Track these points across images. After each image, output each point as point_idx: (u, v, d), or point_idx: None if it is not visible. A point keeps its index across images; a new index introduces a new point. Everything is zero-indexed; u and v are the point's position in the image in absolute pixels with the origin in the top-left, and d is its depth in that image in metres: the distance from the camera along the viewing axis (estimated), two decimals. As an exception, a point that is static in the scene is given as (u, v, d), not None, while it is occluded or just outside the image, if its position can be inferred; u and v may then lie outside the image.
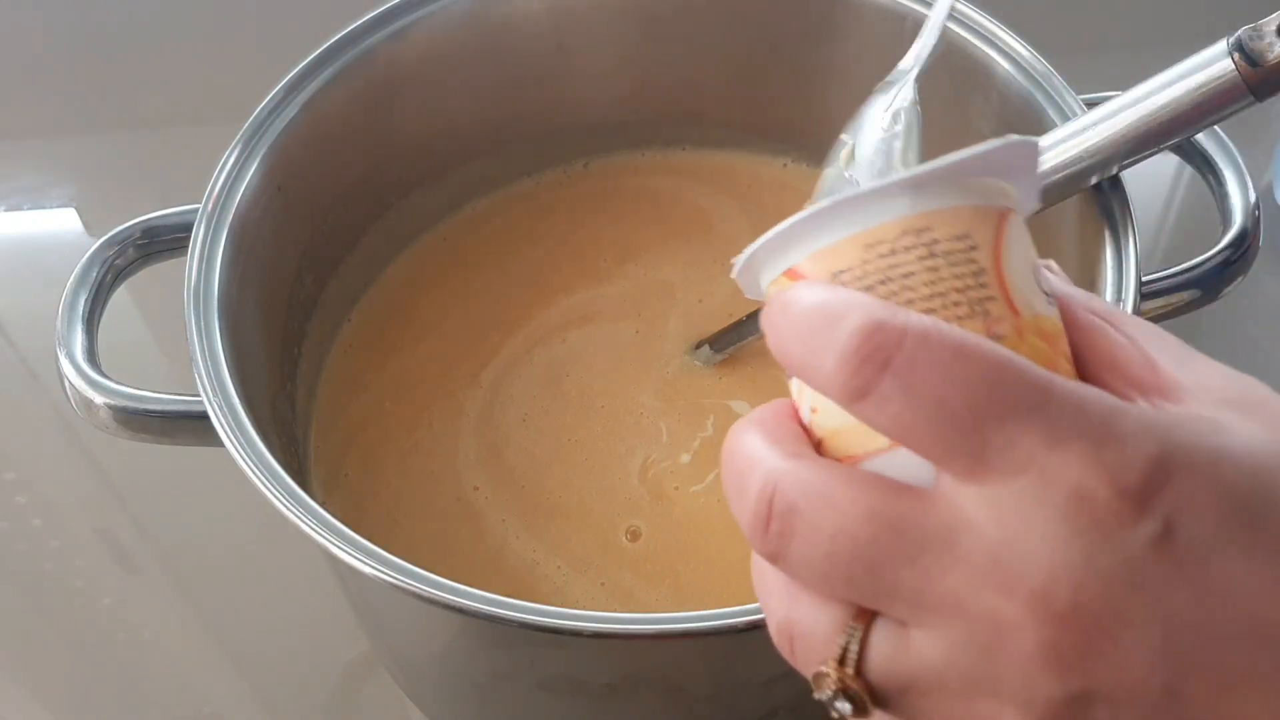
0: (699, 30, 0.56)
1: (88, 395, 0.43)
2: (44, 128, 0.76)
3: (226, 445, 0.40)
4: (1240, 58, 0.39)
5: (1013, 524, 0.22)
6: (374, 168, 0.55)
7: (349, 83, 0.51)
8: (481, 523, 0.50)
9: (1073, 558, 0.22)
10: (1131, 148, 0.43)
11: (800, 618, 0.25)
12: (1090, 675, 0.22)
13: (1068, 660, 0.22)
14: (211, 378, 0.42)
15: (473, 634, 0.41)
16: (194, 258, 0.45)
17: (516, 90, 0.56)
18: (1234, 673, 0.22)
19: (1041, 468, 0.22)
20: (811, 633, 0.25)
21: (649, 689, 0.41)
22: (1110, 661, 0.22)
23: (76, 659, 0.56)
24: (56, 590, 0.58)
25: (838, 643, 0.24)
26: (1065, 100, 0.47)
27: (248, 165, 0.48)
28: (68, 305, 0.45)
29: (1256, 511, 0.22)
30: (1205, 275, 0.45)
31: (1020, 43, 0.49)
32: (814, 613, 0.25)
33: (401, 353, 0.55)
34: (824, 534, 0.24)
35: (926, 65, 0.38)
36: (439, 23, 0.53)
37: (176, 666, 0.56)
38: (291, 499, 0.39)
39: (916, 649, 0.24)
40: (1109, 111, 0.43)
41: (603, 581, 0.48)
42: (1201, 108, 0.41)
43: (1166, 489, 0.22)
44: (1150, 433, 0.22)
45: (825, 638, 0.25)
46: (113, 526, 0.60)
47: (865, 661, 0.24)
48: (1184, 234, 0.65)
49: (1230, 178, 0.46)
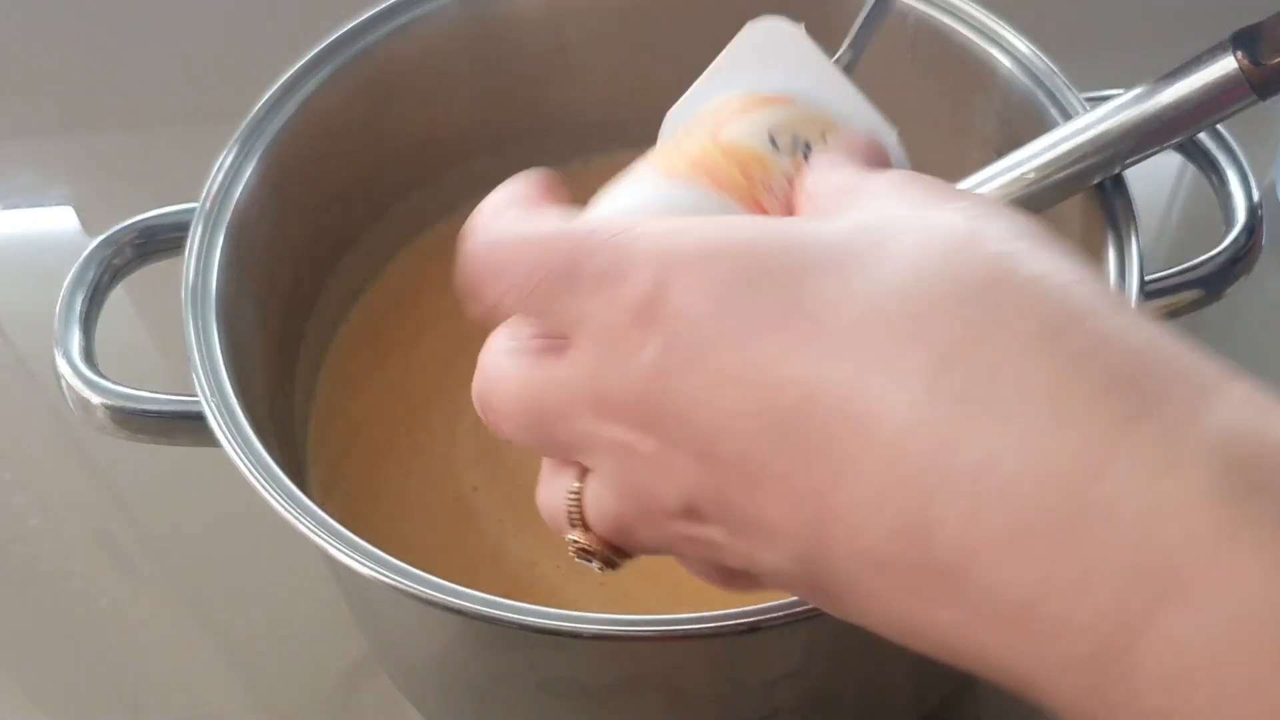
0: (699, 29, 0.56)
1: (85, 395, 0.43)
2: (42, 126, 0.76)
3: (224, 446, 0.40)
4: (1243, 56, 0.39)
5: (593, 369, 0.26)
6: (373, 167, 0.55)
7: (347, 81, 0.51)
8: (480, 523, 0.50)
9: (612, 385, 0.26)
10: (1133, 147, 0.43)
11: (545, 498, 0.30)
12: (675, 481, 0.26)
13: (665, 473, 0.26)
14: (209, 378, 0.42)
15: (472, 635, 0.41)
16: (191, 257, 0.45)
17: (516, 89, 0.56)
18: (745, 442, 0.24)
19: (588, 322, 0.26)
20: (555, 508, 0.29)
21: (649, 690, 0.41)
22: (669, 465, 0.26)
23: (74, 660, 0.56)
24: (54, 591, 0.58)
25: (567, 509, 0.28)
26: (1067, 99, 0.47)
27: (246, 164, 0.48)
28: (65, 305, 0.45)
29: (750, 291, 0.24)
30: (1208, 275, 0.45)
31: (1022, 40, 0.49)
32: (549, 489, 0.29)
33: (400, 353, 0.55)
34: (503, 414, 0.28)
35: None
36: (438, 21, 0.52)
37: (174, 668, 0.56)
38: (289, 500, 0.39)
39: (600, 491, 0.28)
40: (1111, 110, 0.43)
41: (601, 582, 0.48)
42: (1204, 107, 0.41)
43: (663, 306, 0.25)
44: (649, 257, 0.25)
45: (562, 509, 0.29)
46: (110, 527, 0.60)
47: (586, 518, 0.28)
48: (1187, 233, 0.65)
49: (1233, 176, 0.46)
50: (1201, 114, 0.41)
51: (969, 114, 0.53)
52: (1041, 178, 0.44)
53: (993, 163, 0.45)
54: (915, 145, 0.57)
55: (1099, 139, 0.43)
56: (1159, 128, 0.42)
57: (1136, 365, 0.21)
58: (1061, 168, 0.43)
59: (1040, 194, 0.44)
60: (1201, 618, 0.19)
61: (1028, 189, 0.44)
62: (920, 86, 0.52)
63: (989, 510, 0.20)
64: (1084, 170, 0.43)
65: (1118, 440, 0.20)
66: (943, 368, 0.22)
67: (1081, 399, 0.20)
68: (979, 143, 0.53)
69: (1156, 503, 0.19)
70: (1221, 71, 0.40)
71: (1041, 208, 0.45)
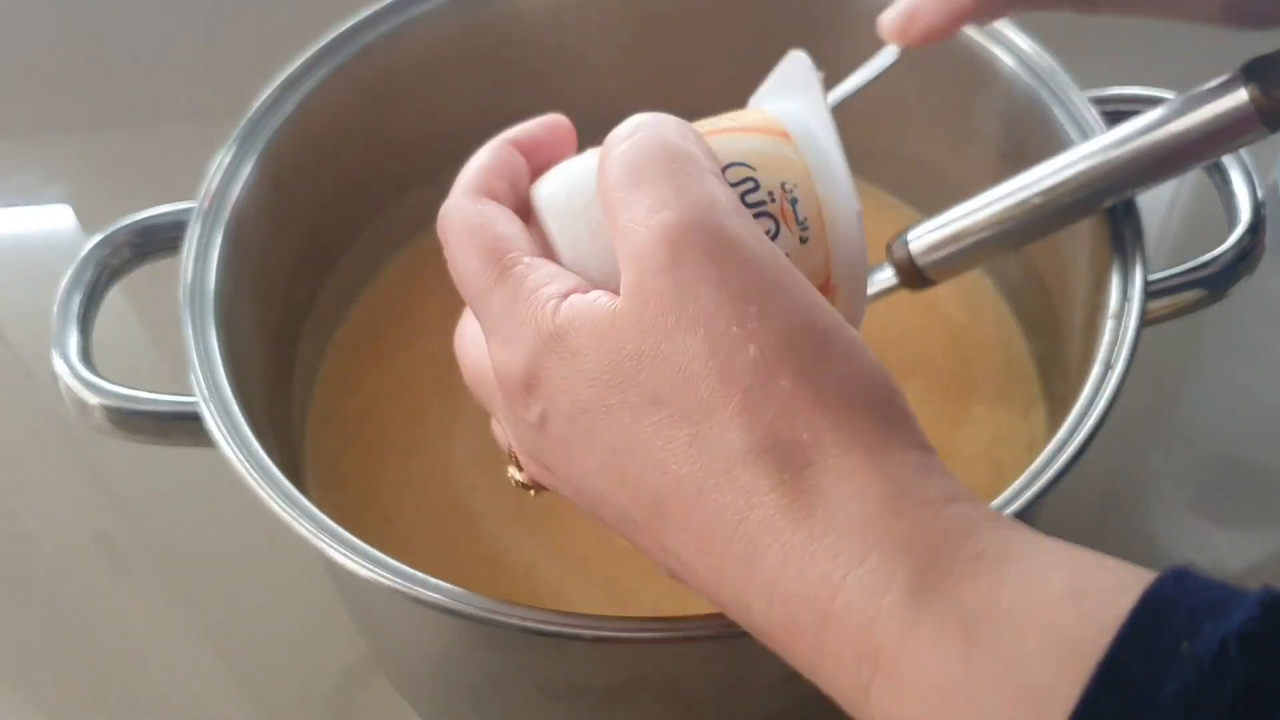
0: (699, 27, 0.56)
1: (82, 395, 0.43)
2: (40, 124, 0.76)
3: (221, 446, 0.40)
4: (1255, 88, 0.39)
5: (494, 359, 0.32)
6: (371, 165, 0.54)
7: (346, 79, 0.51)
8: (479, 523, 0.50)
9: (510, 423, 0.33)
10: (1141, 176, 0.43)
11: (496, 431, 0.37)
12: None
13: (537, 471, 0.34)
14: (206, 378, 0.42)
15: (471, 637, 0.41)
16: (189, 257, 0.45)
17: (515, 86, 0.56)
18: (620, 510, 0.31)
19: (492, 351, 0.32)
20: (500, 443, 0.37)
21: (650, 693, 0.41)
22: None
23: (71, 661, 0.56)
24: (51, 592, 0.58)
25: (507, 449, 0.36)
26: (1070, 98, 0.47)
27: (243, 163, 0.47)
28: (62, 304, 0.45)
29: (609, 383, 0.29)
30: (1211, 274, 0.44)
31: (1025, 39, 0.49)
32: (499, 426, 0.36)
33: (398, 352, 0.55)
34: (466, 380, 0.37)
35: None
36: (436, 19, 0.52)
37: (171, 669, 0.56)
38: (287, 500, 0.39)
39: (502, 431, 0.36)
40: (1119, 139, 0.42)
41: (602, 580, 0.48)
42: (1214, 137, 0.41)
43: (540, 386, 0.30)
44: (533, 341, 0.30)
45: (504, 447, 0.36)
46: (107, 528, 0.60)
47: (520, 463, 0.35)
48: (1189, 232, 0.65)
49: (1236, 176, 0.46)
50: (1211, 145, 0.41)
51: (971, 113, 0.52)
52: (1047, 202, 0.43)
53: (997, 171, 0.45)
54: (917, 145, 0.57)
55: (1106, 167, 0.42)
56: (1168, 157, 0.42)
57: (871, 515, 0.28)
58: (1068, 193, 0.43)
59: (1046, 219, 0.44)
60: (894, 689, 0.26)
61: (1033, 213, 0.44)
62: (922, 85, 0.51)
63: (778, 606, 0.28)
64: (1091, 196, 0.43)
65: (851, 570, 0.27)
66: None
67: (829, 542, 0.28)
68: (981, 142, 0.53)
69: (873, 613, 0.26)
70: (1232, 103, 0.40)
71: (1047, 232, 0.45)
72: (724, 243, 0.29)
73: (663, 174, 0.30)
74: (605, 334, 0.29)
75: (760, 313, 0.28)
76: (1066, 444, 0.39)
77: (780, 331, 0.28)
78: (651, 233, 0.29)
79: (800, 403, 0.28)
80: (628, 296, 0.29)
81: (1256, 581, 0.24)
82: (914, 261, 0.46)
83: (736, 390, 0.28)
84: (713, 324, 0.28)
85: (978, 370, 0.54)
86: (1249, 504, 0.58)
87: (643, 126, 0.32)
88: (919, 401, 0.52)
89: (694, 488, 0.29)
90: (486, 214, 0.33)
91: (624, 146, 0.31)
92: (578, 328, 0.30)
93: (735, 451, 0.28)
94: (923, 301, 0.49)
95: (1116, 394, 0.41)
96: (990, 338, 0.55)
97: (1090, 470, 0.41)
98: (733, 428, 0.28)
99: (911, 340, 0.54)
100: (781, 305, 0.29)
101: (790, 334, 0.28)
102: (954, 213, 0.46)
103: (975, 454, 0.51)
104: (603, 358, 0.29)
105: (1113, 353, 0.42)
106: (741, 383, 0.28)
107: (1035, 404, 0.52)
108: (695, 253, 0.29)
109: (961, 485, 0.29)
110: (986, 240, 0.45)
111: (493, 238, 0.32)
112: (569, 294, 0.31)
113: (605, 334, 0.29)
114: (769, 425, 0.28)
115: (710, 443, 0.28)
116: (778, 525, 0.28)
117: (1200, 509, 0.57)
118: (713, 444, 0.28)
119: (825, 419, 0.28)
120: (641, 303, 0.29)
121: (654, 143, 0.31)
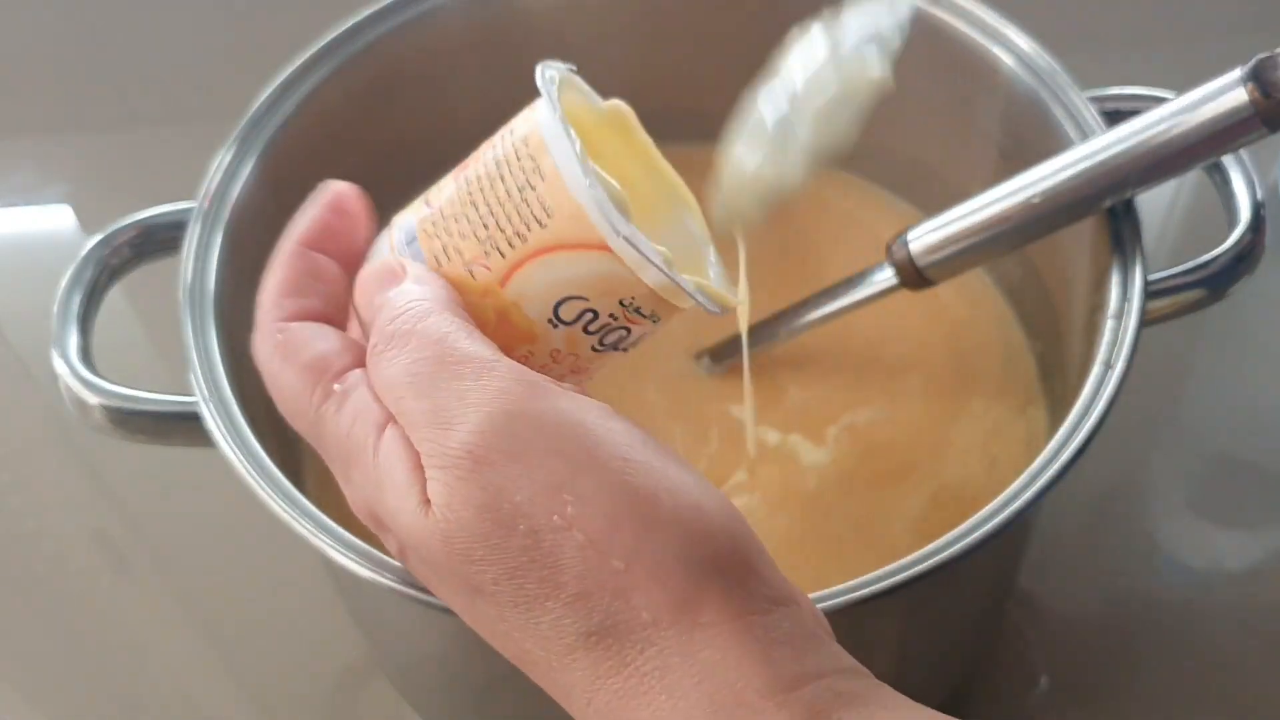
0: (701, 24, 0.56)
1: (82, 395, 0.43)
2: (40, 124, 0.76)
3: (220, 446, 0.40)
4: (1254, 88, 0.39)
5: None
6: (371, 165, 0.54)
7: (346, 79, 0.51)
8: (480, 524, 0.50)
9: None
10: (1140, 176, 0.42)
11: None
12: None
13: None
14: (206, 378, 0.42)
15: (471, 638, 0.41)
16: (189, 257, 0.45)
17: (516, 85, 0.56)
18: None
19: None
20: None
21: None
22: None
23: (71, 662, 0.56)
24: (50, 592, 0.58)
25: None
26: (1070, 97, 0.47)
27: (243, 163, 0.47)
28: (62, 304, 0.45)
29: (441, 576, 0.30)
30: (1211, 274, 0.44)
31: (1025, 38, 0.49)
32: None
33: (399, 352, 0.55)
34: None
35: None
36: (438, 18, 0.52)
37: (171, 669, 0.56)
38: (287, 500, 0.39)
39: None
40: (1118, 138, 0.42)
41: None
42: (1214, 138, 0.41)
43: (385, 532, 0.31)
44: (368, 493, 0.31)
45: None
46: (107, 528, 0.60)
47: None
48: (1189, 232, 0.65)
49: (1236, 176, 0.46)
50: (1211, 145, 0.41)
51: (971, 113, 0.52)
52: (1047, 202, 0.43)
53: (997, 171, 0.45)
54: (917, 145, 0.57)
55: (1106, 166, 0.42)
56: (1168, 157, 0.42)
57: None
58: (1068, 193, 0.43)
59: (1046, 219, 0.44)
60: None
61: (1033, 213, 0.44)
62: (922, 85, 0.51)
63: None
64: (1091, 196, 0.43)
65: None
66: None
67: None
68: (981, 142, 0.53)
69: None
70: (1232, 103, 0.40)
71: (1047, 232, 0.45)
72: (521, 435, 0.28)
73: (444, 380, 0.29)
74: (423, 543, 0.29)
75: (576, 498, 0.28)
76: (1066, 444, 0.39)
77: (602, 508, 0.28)
78: (449, 446, 0.29)
79: (637, 581, 0.27)
80: (441, 506, 0.29)
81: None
82: (914, 262, 0.46)
83: (569, 577, 0.28)
84: (532, 519, 0.28)
85: (976, 365, 0.54)
86: (1249, 504, 0.58)
87: (407, 324, 0.31)
88: (917, 395, 0.53)
89: (543, 663, 0.29)
90: (290, 343, 0.32)
91: (394, 355, 0.30)
92: (398, 532, 0.30)
93: (574, 637, 0.28)
94: (923, 297, 0.49)
95: (1116, 394, 0.40)
96: (990, 334, 0.55)
97: (1090, 470, 0.41)
98: (568, 614, 0.28)
99: (911, 334, 0.54)
100: (596, 482, 0.28)
101: (613, 510, 0.28)
102: (954, 213, 0.46)
103: (971, 447, 0.50)
104: (426, 560, 0.30)
105: (1113, 352, 0.42)
106: (573, 569, 0.28)
107: (1034, 400, 0.52)
108: (496, 455, 0.28)
109: (818, 638, 0.29)
110: (987, 240, 0.45)
111: (303, 365, 0.32)
112: (384, 427, 0.30)
113: (423, 543, 0.29)
114: (607, 608, 0.28)
115: (547, 628, 0.28)
116: (627, 707, 0.28)
117: (1200, 509, 0.57)
118: (550, 629, 0.28)
119: (664, 597, 0.27)
120: (458, 510, 0.28)
121: (427, 348, 0.30)
